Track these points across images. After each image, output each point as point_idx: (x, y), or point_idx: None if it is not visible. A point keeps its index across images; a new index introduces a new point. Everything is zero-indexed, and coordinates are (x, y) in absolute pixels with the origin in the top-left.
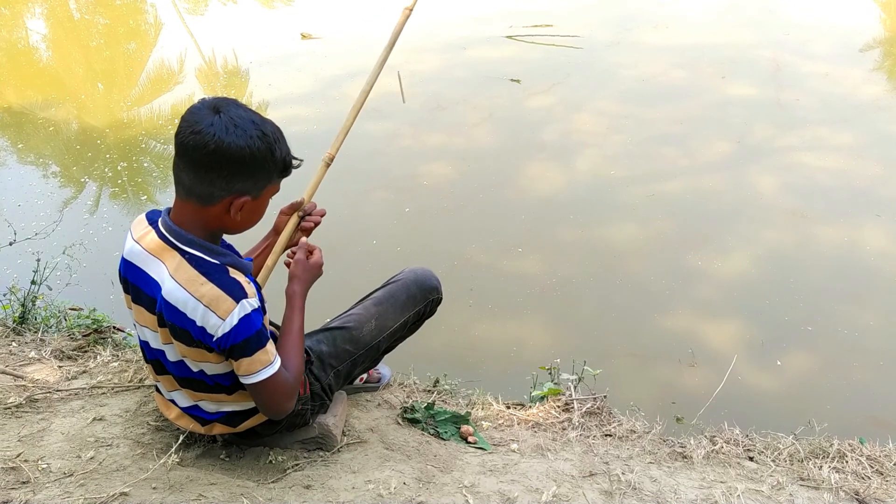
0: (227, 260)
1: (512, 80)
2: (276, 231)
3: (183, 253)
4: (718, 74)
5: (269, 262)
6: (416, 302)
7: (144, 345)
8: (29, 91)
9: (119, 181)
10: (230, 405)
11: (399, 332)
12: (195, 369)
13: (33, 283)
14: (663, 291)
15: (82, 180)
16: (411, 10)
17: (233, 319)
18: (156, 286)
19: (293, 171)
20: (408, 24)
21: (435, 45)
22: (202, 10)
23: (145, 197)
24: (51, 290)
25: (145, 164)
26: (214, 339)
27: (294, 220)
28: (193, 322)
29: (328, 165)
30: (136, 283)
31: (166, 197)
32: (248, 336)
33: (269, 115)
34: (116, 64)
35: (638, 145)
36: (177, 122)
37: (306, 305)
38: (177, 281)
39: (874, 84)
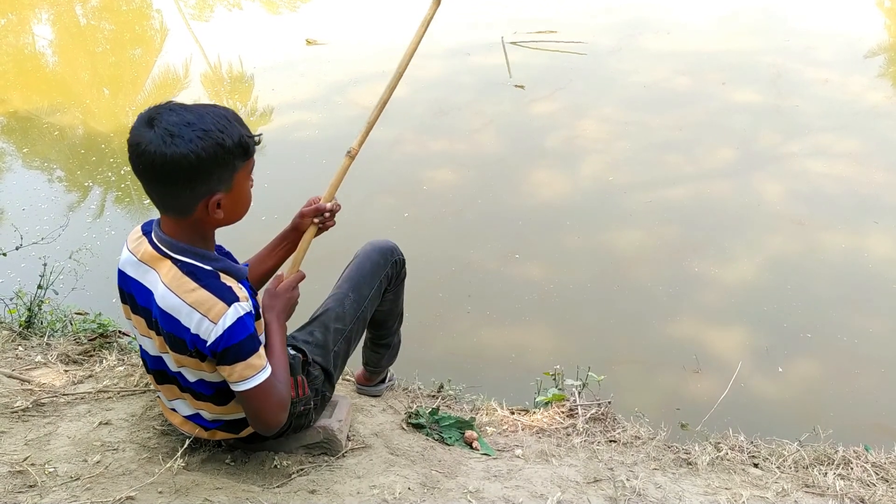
0: (220, 265)
1: (515, 85)
2: (294, 228)
3: (175, 261)
4: (721, 81)
5: (287, 274)
6: (381, 267)
7: (145, 354)
8: (35, 96)
9: (123, 185)
10: (229, 415)
11: (377, 298)
12: (193, 378)
13: (39, 287)
14: (667, 298)
15: (87, 185)
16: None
17: (225, 322)
18: (150, 295)
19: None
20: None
21: (439, 51)
22: (207, 15)
23: (148, 201)
24: (57, 294)
25: None
26: (208, 344)
27: (312, 230)
28: (188, 329)
29: (352, 159)
30: (132, 293)
31: None
32: (241, 339)
33: (274, 120)
34: (122, 69)
35: (641, 151)
36: None
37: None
38: (168, 287)
39: (879, 90)
